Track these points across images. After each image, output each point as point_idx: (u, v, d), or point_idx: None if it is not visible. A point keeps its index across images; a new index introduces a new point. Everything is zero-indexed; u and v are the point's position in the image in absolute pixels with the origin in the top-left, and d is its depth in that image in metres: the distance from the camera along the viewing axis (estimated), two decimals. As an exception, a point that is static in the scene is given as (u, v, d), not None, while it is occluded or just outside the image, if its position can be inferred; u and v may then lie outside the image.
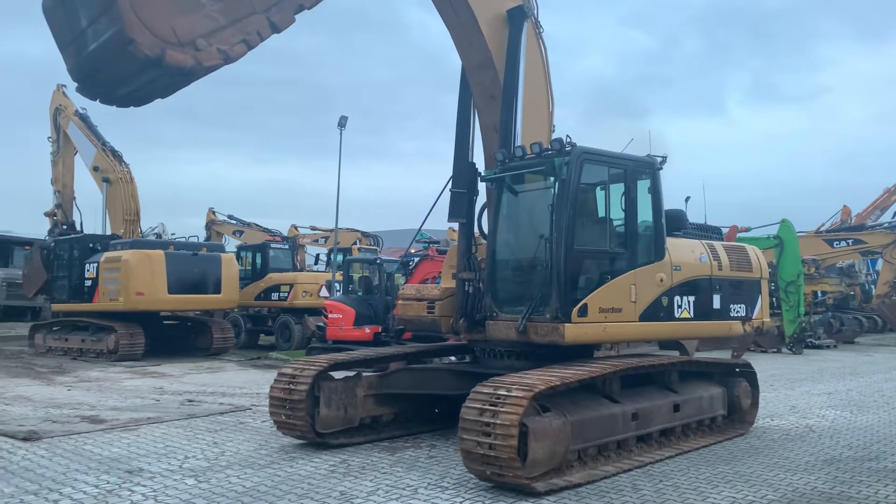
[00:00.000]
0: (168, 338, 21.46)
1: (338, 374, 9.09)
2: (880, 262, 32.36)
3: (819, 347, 24.75)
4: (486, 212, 9.62)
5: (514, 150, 8.91)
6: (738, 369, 10.31)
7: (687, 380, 9.47)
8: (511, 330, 8.40)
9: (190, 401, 12.37)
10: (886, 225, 31.17)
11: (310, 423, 8.51)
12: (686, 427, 9.12)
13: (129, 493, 6.73)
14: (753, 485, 7.18)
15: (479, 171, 9.51)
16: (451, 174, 9.77)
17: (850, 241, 29.73)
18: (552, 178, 8.49)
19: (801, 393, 13.93)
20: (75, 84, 6.71)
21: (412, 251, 25.35)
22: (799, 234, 25.03)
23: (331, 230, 27.39)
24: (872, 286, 33.90)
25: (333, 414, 8.77)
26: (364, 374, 9.29)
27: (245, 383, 14.92)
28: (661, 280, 8.93)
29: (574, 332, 8.01)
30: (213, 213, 30.69)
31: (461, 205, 9.45)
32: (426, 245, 20.41)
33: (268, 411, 9.03)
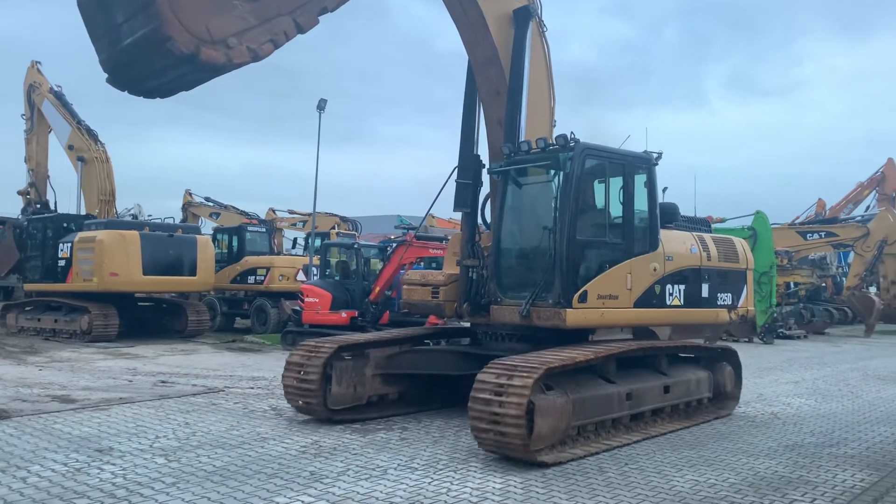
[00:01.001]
0: (142, 319, 21.36)
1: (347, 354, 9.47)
2: (851, 255, 32.92)
3: (790, 338, 25.16)
4: (489, 202, 10.09)
5: (519, 144, 9.33)
6: (722, 354, 10.79)
7: (676, 364, 9.97)
8: (515, 314, 8.86)
9: (163, 382, 12.35)
10: (858, 218, 31.68)
11: (322, 400, 8.96)
12: (675, 408, 9.62)
13: (99, 471, 6.74)
14: (717, 468, 7.34)
15: (484, 162, 9.99)
16: (455, 165, 10.13)
17: (822, 234, 30.18)
18: (556, 172, 8.92)
19: (768, 381, 14.19)
20: (105, 75, 6.97)
21: (392, 237, 25.39)
22: (773, 226, 25.35)
23: (309, 214, 27.33)
24: (843, 278, 34.47)
25: (344, 391, 9.21)
26: (372, 354, 9.66)
27: (219, 366, 14.90)
28: (655, 269, 9.43)
29: (575, 316, 8.52)
30: (190, 194, 30.47)
31: (466, 195, 9.91)
32: (404, 231, 20.45)
33: (265, 389, 9.05)
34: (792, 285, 31.63)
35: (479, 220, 10.07)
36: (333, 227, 27.63)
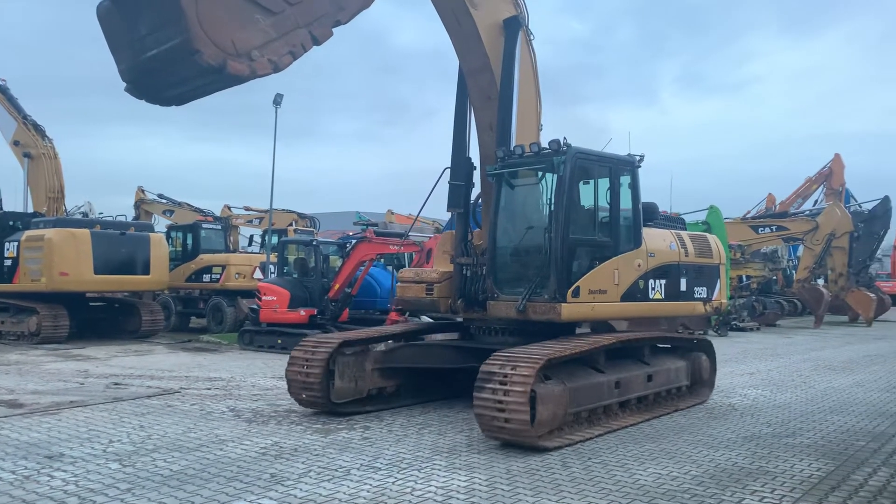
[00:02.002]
0: (94, 320, 20.82)
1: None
2: (801, 248, 33.72)
3: (743, 330, 25.67)
4: (479, 202, 10.62)
5: (514, 148, 9.75)
6: (697, 345, 11.46)
7: (656, 354, 10.55)
8: (511, 309, 9.32)
9: (116, 384, 12.02)
10: (807, 213, 32.44)
11: (326, 394, 9.34)
12: (657, 395, 10.18)
13: (49, 478, 6.50)
14: (678, 461, 7.41)
15: (475, 165, 10.48)
16: (447, 167, 10.58)
17: (773, 228, 30.81)
18: (549, 175, 9.42)
19: (724, 373, 14.39)
20: (124, 84, 7.21)
21: (350, 234, 25.16)
22: (726, 221, 25.82)
23: (265, 211, 26.90)
24: (793, 271, 35.30)
25: (346, 385, 9.61)
26: (371, 349, 10.10)
27: (174, 366, 14.58)
28: (639, 265, 10.00)
29: (569, 310, 9.04)
30: (143, 191, 29.74)
31: (459, 196, 10.43)
32: (364, 227, 20.27)
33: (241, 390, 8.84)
34: (744, 278, 32.29)
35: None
36: (291, 224, 27.23)
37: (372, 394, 10.04)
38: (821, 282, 31.81)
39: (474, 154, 10.67)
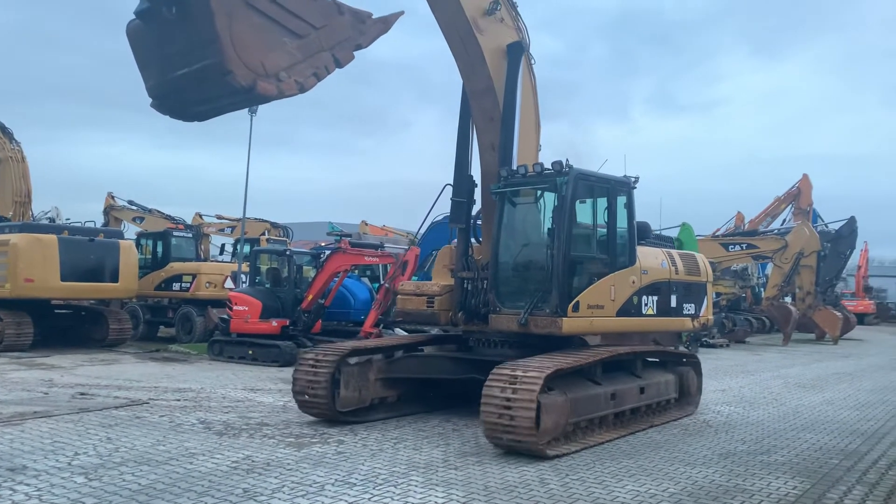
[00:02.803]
0: (60, 328, 20.31)
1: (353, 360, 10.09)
2: (769, 266, 34.18)
3: (713, 346, 25.88)
4: (478, 218, 10.97)
5: (517, 168, 10.07)
6: (685, 360, 11.87)
7: (647, 368, 10.86)
8: (513, 322, 9.60)
9: (82, 394, 11.71)
10: (777, 231, 32.93)
11: (332, 402, 9.57)
12: (649, 407, 10.47)
13: (11, 492, 6.27)
14: (656, 478, 7.38)
15: (476, 182, 10.81)
16: (447, 183, 10.98)
17: (743, 246, 31.21)
18: (552, 194, 9.74)
19: (697, 389, 14.47)
20: (150, 100, 7.56)
21: (322, 244, 24.96)
22: (697, 238, 26.06)
23: (238, 219, 26.63)
24: (762, 289, 35.76)
25: (351, 395, 9.83)
26: (374, 359, 10.34)
27: (142, 376, 14.27)
28: (633, 282, 10.38)
29: (569, 324, 9.36)
30: (112, 197, 29.29)
31: (461, 212, 10.76)
32: (338, 238, 20.11)
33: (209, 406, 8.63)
34: (715, 295, 32.60)
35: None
36: (264, 234, 26.94)
37: (374, 403, 10.25)
38: (788, 300, 32.25)
39: (474, 171, 11.00)
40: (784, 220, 37.18)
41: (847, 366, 20.80)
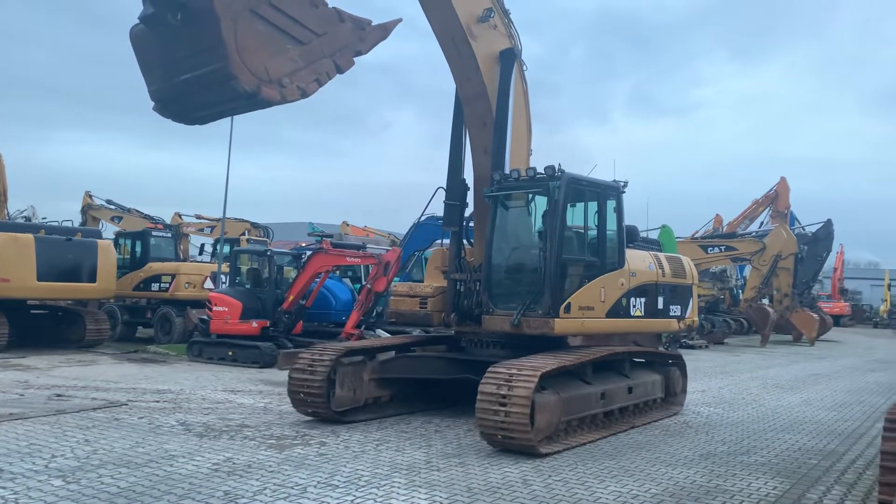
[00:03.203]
0: (36, 328, 20.02)
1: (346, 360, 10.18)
2: (748, 269, 34.52)
3: (692, 347, 26.05)
4: (471, 221, 11.08)
5: (509, 172, 10.25)
6: (671, 360, 11.99)
7: (635, 368, 11.06)
8: (506, 323, 9.76)
9: (59, 395, 11.54)
10: (755, 234, 33.27)
11: (327, 402, 9.67)
12: (636, 406, 10.69)
13: (-13, 496, 6.16)
14: (638, 479, 7.41)
15: (469, 185, 10.88)
16: (440, 186, 11.11)
17: (722, 248, 31.51)
18: (544, 198, 9.87)
19: (677, 390, 14.57)
20: (153, 103, 7.68)
21: (303, 244, 24.82)
22: (677, 240, 26.26)
23: (218, 219, 26.39)
24: (740, 290, 36.09)
25: (346, 394, 9.95)
26: (369, 359, 10.43)
27: (120, 377, 14.10)
28: (622, 284, 10.55)
29: (561, 325, 9.53)
30: (90, 196, 28.94)
31: (454, 215, 10.86)
32: (319, 238, 20.01)
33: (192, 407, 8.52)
34: (694, 297, 32.82)
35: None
36: (244, 234, 26.74)
37: (368, 403, 10.39)
38: (766, 301, 32.58)
39: (467, 175, 11.06)
40: (762, 223, 37.52)
41: (823, 367, 21.06)
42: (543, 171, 9.88)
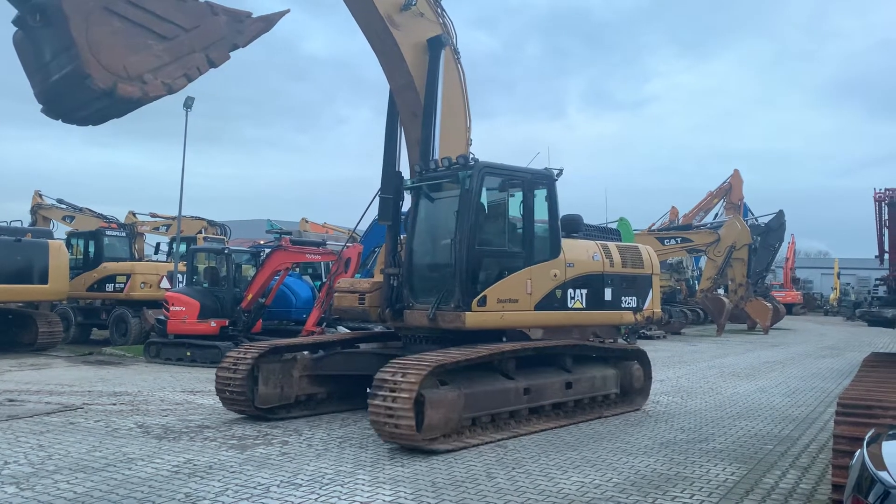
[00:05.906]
0: (-15, 332, 19.44)
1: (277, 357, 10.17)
2: (703, 259, 35.15)
3: (650, 338, 26.46)
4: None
5: (430, 162, 10.13)
6: (629, 353, 11.60)
7: (583, 362, 10.73)
8: (424, 318, 9.60)
9: (11, 400, 11.23)
10: (709, 225, 33.88)
11: (250, 399, 9.75)
12: (578, 402, 10.40)
13: (-64, 506, 5.97)
14: (600, 469, 7.50)
15: (405, 179, 10.65)
16: (380, 182, 10.84)
17: (678, 240, 32.03)
18: (458, 188, 9.60)
19: (637, 381, 14.77)
20: (40, 106, 7.74)
21: (262, 242, 24.53)
22: (634, 232, 26.59)
23: (173, 217, 25.94)
24: (696, 281, 36.76)
25: (271, 392, 9.94)
26: (299, 356, 10.37)
27: (75, 381, 13.78)
28: (555, 275, 10.20)
29: (474, 319, 9.26)
30: (40, 196, 28.18)
31: (388, 209, 10.66)
32: (278, 235, 19.80)
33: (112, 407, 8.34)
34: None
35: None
36: (200, 232, 26.31)
37: (301, 399, 10.36)
38: (721, 291, 33.24)
39: (403, 168, 10.90)
40: (716, 215, 38.26)
41: (777, 354, 21.58)
42: (457, 160, 9.67)
